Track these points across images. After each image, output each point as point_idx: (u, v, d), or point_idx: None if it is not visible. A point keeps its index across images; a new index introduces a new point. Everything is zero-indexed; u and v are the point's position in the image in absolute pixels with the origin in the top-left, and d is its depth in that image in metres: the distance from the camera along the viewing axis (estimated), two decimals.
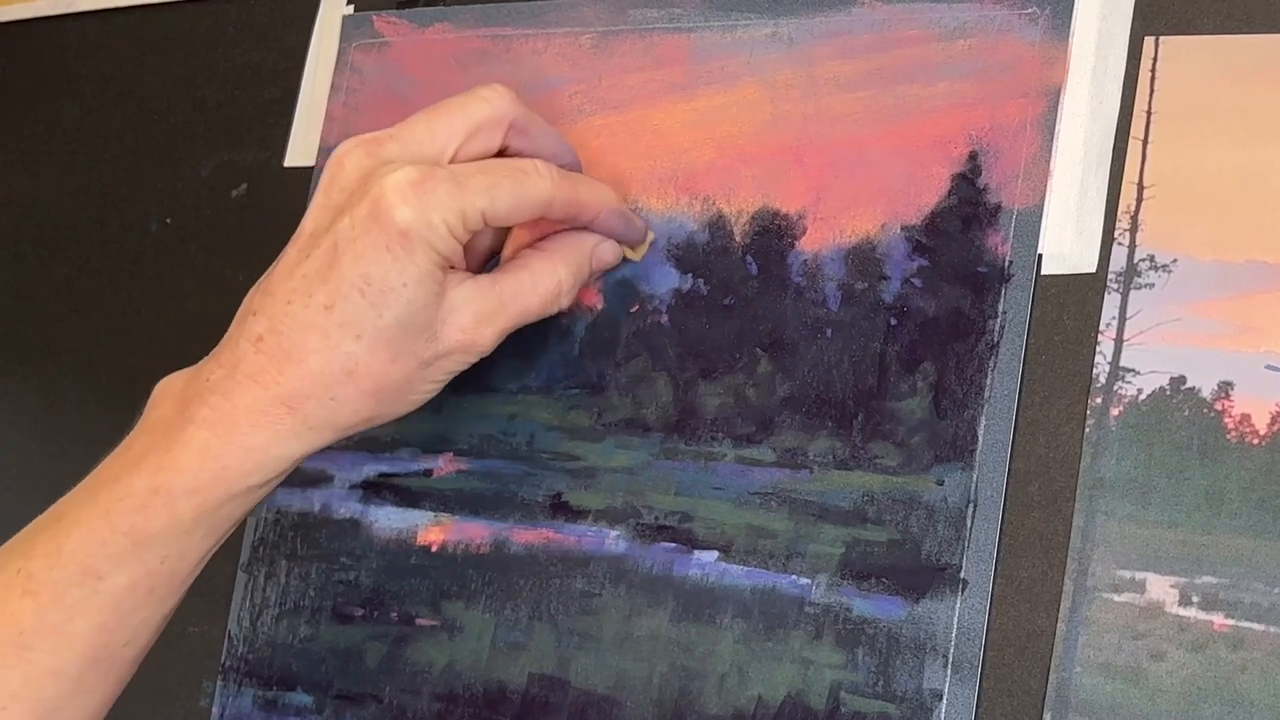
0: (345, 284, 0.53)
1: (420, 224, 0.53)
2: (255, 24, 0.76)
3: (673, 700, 0.57)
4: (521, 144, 0.58)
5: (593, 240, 0.59)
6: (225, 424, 0.54)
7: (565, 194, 0.56)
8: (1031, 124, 0.55)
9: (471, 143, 0.56)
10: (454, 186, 0.53)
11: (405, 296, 0.53)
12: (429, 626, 0.63)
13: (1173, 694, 0.50)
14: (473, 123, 0.56)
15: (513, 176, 0.55)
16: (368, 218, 0.53)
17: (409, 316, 0.54)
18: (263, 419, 0.54)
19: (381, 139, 0.55)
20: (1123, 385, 0.52)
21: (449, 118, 0.56)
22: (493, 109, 0.57)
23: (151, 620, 0.56)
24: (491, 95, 0.57)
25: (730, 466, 0.58)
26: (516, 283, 0.57)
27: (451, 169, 0.54)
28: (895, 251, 0.57)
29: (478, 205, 0.54)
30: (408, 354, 0.54)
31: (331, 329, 0.53)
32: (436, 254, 0.53)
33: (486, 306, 0.56)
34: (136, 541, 0.54)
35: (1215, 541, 0.50)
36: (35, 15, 0.84)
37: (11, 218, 0.83)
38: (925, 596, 0.54)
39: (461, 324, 0.55)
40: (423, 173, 0.53)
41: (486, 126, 0.57)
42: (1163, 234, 0.53)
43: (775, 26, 0.61)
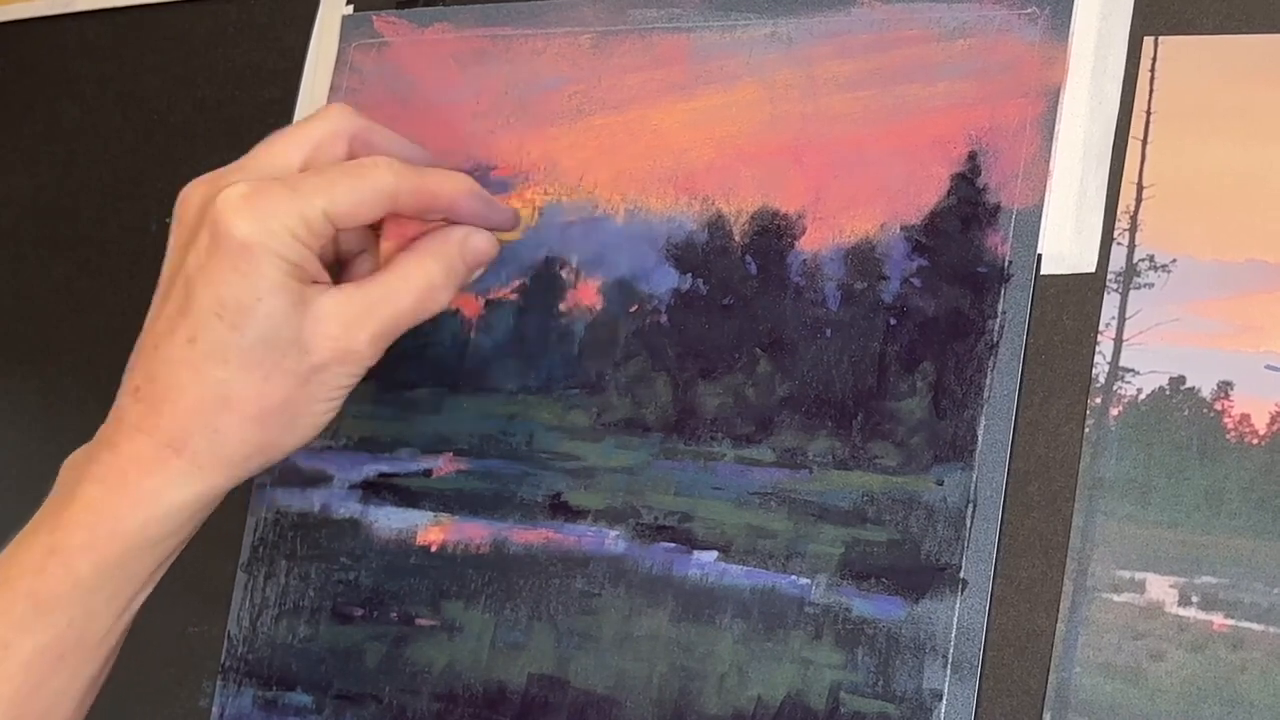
0: (202, 313, 0.52)
1: (259, 233, 0.52)
2: (255, 24, 0.76)
3: (672, 700, 0.57)
4: (367, 154, 0.57)
5: (460, 232, 0.57)
6: (115, 476, 0.53)
7: (410, 184, 0.55)
8: (1031, 124, 0.55)
9: (314, 160, 0.55)
10: (287, 191, 0.53)
11: (262, 311, 0.52)
12: (429, 626, 0.63)
13: (1172, 694, 0.50)
14: (312, 140, 0.56)
15: (350, 173, 0.54)
16: (210, 242, 0.52)
17: (271, 332, 0.53)
18: (151, 465, 0.53)
19: (223, 172, 0.55)
20: (1122, 385, 0.52)
21: (289, 139, 0.56)
22: (331, 125, 0.56)
23: (67, 690, 0.54)
24: (329, 113, 0.56)
25: (730, 466, 0.58)
26: (385, 284, 0.55)
27: (285, 178, 0.54)
28: (895, 251, 0.57)
29: (316, 205, 0.53)
30: (280, 371, 0.53)
31: (198, 361, 0.53)
32: (284, 262, 0.52)
33: (353, 312, 0.54)
34: (38, 605, 0.53)
35: (1215, 541, 0.50)
36: (35, 15, 0.84)
37: (11, 218, 0.83)
38: (925, 596, 0.54)
39: (331, 332, 0.54)
40: (254, 185, 0.53)
41: (326, 141, 0.56)
42: (1162, 234, 0.53)
43: (775, 26, 0.61)
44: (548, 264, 0.64)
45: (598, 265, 0.62)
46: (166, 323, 0.54)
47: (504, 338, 0.64)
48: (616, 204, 0.63)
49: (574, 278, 0.63)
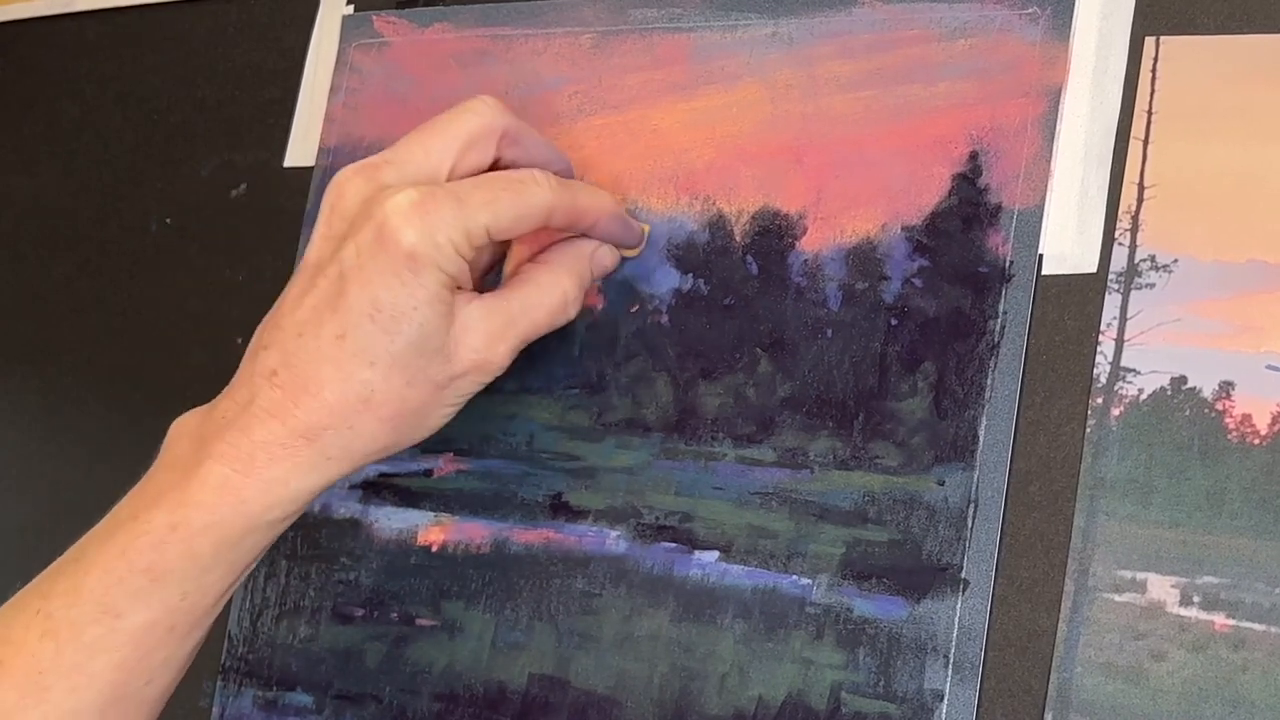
0: (355, 312, 0.53)
1: (426, 245, 0.53)
2: (255, 24, 0.76)
3: (673, 700, 0.57)
4: (515, 154, 0.58)
5: (590, 246, 0.59)
6: (243, 459, 0.53)
7: (565, 202, 0.56)
8: (1032, 124, 0.55)
9: (466, 158, 0.56)
10: (456, 204, 0.53)
11: (416, 320, 0.53)
12: (429, 626, 0.63)
13: (1174, 694, 0.50)
14: (465, 138, 0.56)
15: (512, 189, 0.55)
16: (373, 243, 0.53)
17: (421, 340, 0.53)
18: (281, 452, 0.54)
19: (378, 164, 0.55)
20: (1123, 385, 0.52)
21: (441, 135, 0.56)
22: (483, 121, 0.56)
23: (173, 659, 0.55)
24: (481, 108, 0.57)
25: (730, 466, 0.58)
26: (524, 298, 0.57)
27: (451, 187, 0.54)
28: (896, 251, 0.57)
29: (481, 221, 0.54)
30: (423, 378, 0.54)
31: (345, 359, 0.53)
32: (444, 274, 0.53)
33: (496, 324, 0.55)
34: (155, 579, 0.53)
35: (1216, 542, 0.50)
36: (35, 15, 0.84)
37: (11, 218, 0.83)
38: (926, 597, 0.54)
39: (474, 344, 0.55)
40: (424, 194, 0.53)
41: (479, 140, 0.56)
42: (1163, 234, 0.53)
43: (775, 26, 0.61)
44: None
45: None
46: (313, 313, 0.54)
47: None
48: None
49: None
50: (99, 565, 0.53)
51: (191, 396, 0.58)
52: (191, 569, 0.54)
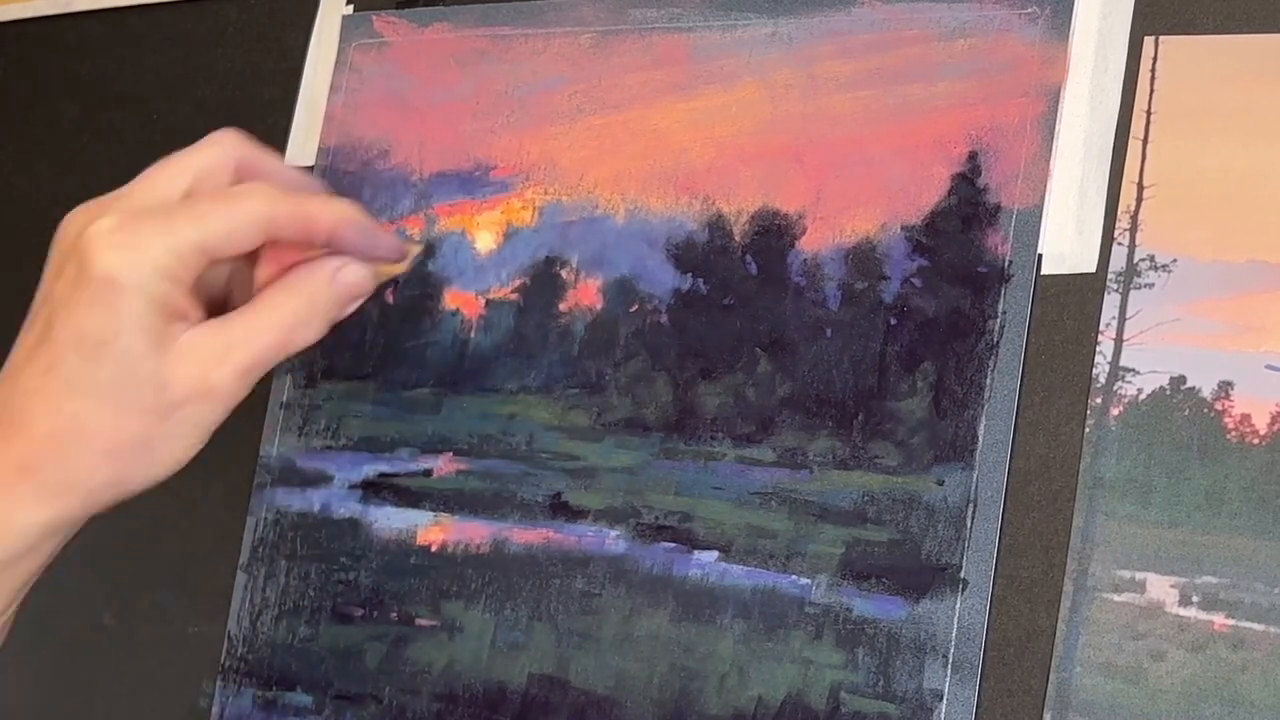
0: (60, 344, 0.51)
1: (124, 269, 0.50)
2: (255, 24, 0.76)
3: (673, 700, 0.57)
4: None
5: (333, 264, 0.54)
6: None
7: (285, 209, 0.53)
8: (1031, 124, 0.55)
9: (198, 189, 0.54)
10: (159, 223, 0.51)
11: (118, 348, 0.51)
12: (429, 626, 0.63)
13: (1173, 694, 0.50)
14: (195, 169, 0.54)
15: (222, 200, 0.52)
16: (76, 274, 0.51)
17: (127, 369, 0.51)
18: (0, 488, 0.52)
19: (106, 200, 0.53)
20: (1123, 385, 0.52)
21: (170, 169, 0.54)
22: (216, 152, 0.54)
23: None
24: (217, 138, 0.55)
25: (730, 466, 0.58)
26: (247, 322, 0.53)
27: (157, 208, 0.52)
28: (895, 251, 0.57)
29: (189, 237, 0.51)
30: (136, 408, 0.52)
31: (52, 391, 0.51)
32: (149, 299, 0.51)
33: (213, 349, 0.52)
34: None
35: (1215, 541, 0.50)
36: (35, 15, 0.84)
37: (11, 218, 0.83)
38: (925, 596, 0.54)
39: (190, 371, 0.52)
40: (125, 216, 0.51)
41: (211, 171, 0.54)
42: (1163, 234, 0.53)
43: (775, 26, 0.61)
44: (548, 264, 0.64)
45: (598, 265, 0.62)
46: (26, 351, 0.52)
47: (504, 337, 0.64)
48: (616, 204, 0.63)
49: (574, 277, 0.63)
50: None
51: None
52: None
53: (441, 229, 0.67)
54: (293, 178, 0.56)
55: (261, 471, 0.68)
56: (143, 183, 0.54)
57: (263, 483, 0.68)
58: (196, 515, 0.71)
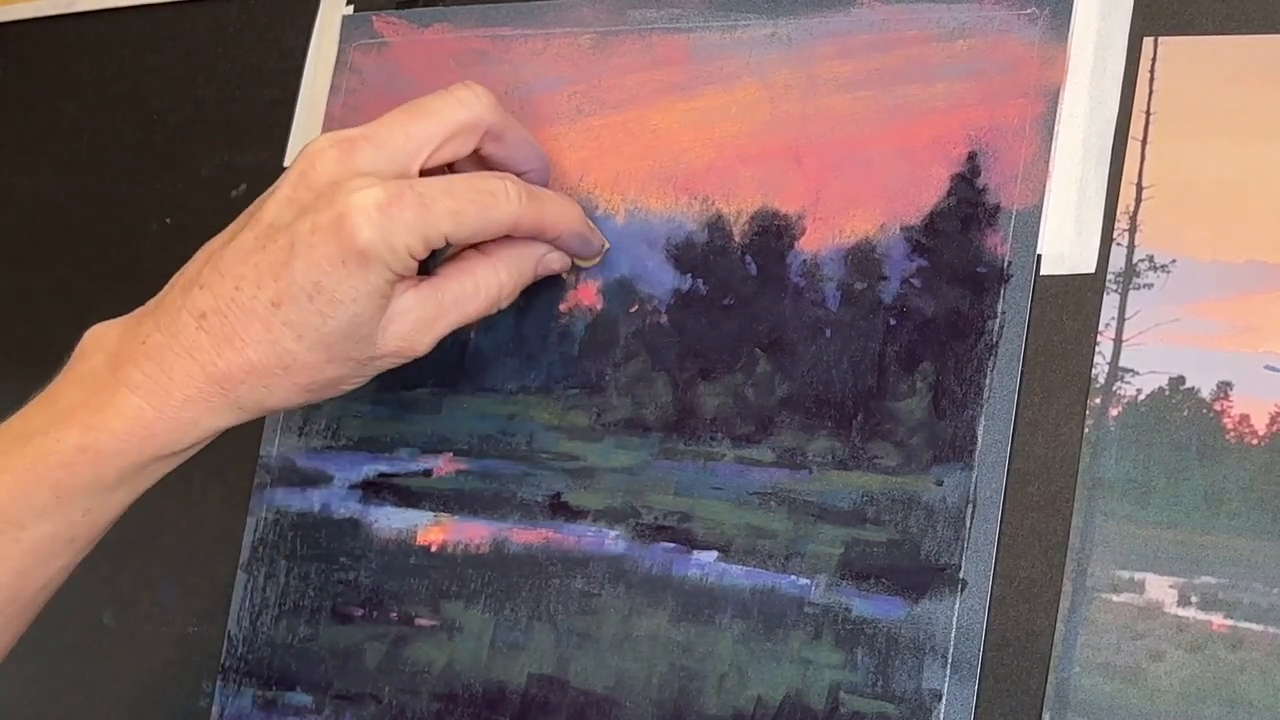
0: (295, 286, 0.53)
1: (381, 247, 0.53)
2: (255, 24, 0.76)
3: (672, 700, 0.57)
4: (495, 150, 0.58)
5: (542, 250, 0.59)
6: (159, 393, 0.54)
7: (531, 215, 0.56)
8: (1030, 124, 0.55)
9: (445, 148, 0.56)
10: (420, 210, 0.53)
11: (353, 310, 0.54)
12: (428, 626, 0.63)
13: (1171, 694, 0.50)
14: (449, 128, 0.56)
15: (479, 200, 0.55)
16: (329, 228, 0.53)
17: (352, 327, 0.54)
18: (196, 394, 0.55)
19: (356, 140, 0.55)
20: (1122, 385, 0.52)
21: (426, 122, 0.56)
22: (470, 114, 0.56)
23: (68, 566, 0.57)
24: (470, 99, 0.56)
25: (729, 466, 0.58)
26: (459, 288, 0.57)
27: (420, 189, 0.54)
28: (894, 252, 0.57)
29: (442, 230, 0.54)
30: (344, 358, 0.55)
31: (274, 324, 0.54)
32: (391, 273, 0.54)
33: (428, 313, 0.56)
34: (60, 495, 0.55)
35: (1214, 542, 0.50)
36: (35, 15, 0.84)
37: (11, 218, 0.83)
38: (924, 597, 0.54)
39: (401, 331, 0.56)
40: (390, 195, 0.53)
41: (463, 132, 0.56)
42: (1162, 234, 0.53)
43: (775, 26, 0.61)
44: None
45: (598, 265, 0.62)
46: (255, 271, 0.54)
47: (504, 338, 0.64)
48: (616, 204, 0.63)
49: (574, 277, 0.63)
50: (7, 475, 0.55)
51: None
52: (96, 489, 0.55)
53: None
54: (529, 153, 0.60)
55: (261, 471, 0.68)
56: (397, 129, 0.55)
57: (263, 483, 0.68)
58: (196, 515, 0.71)
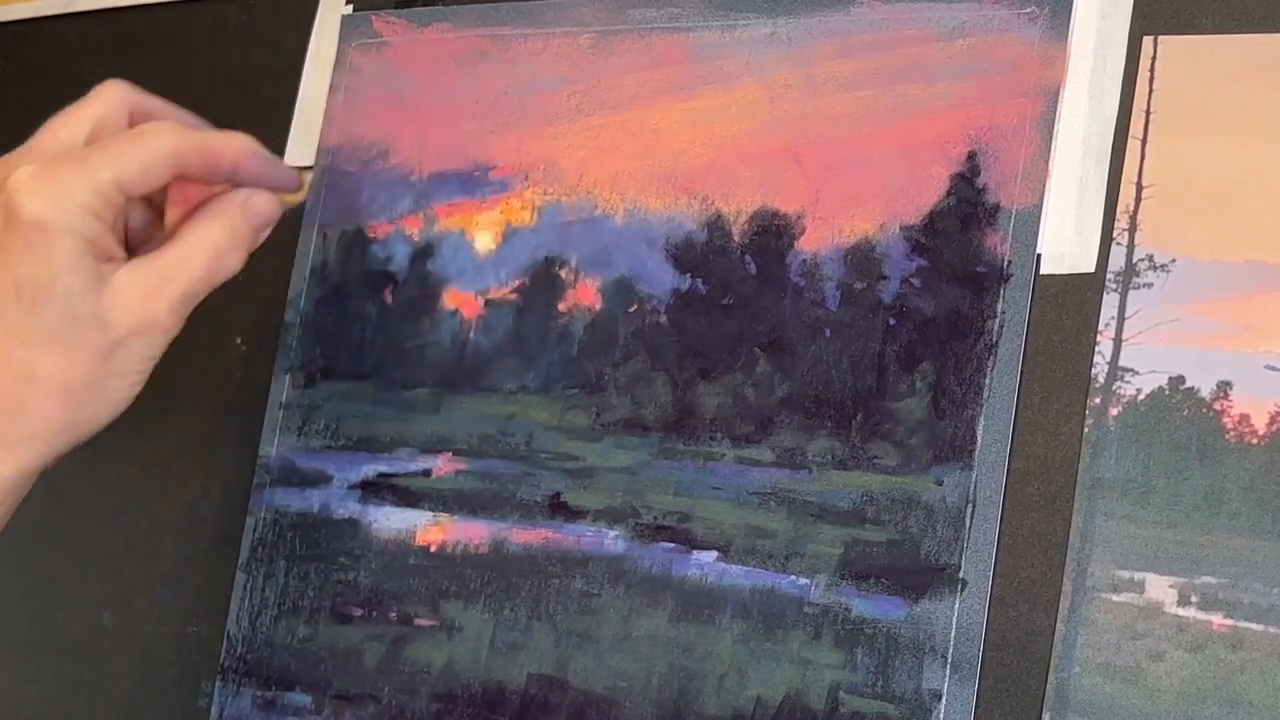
0: (1, 295, 0.52)
1: (52, 210, 0.52)
2: (255, 24, 0.76)
3: (672, 700, 0.57)
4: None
5: (242, 195, 0.58)
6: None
7: (190, 142, 0.55)
8: (1030, 124, 0.55)
9: (97, 136, 0.56)
10: (76, 165, 0.53)
11: (59, 288, 0.52)
12: (428, 626, 0.63)
13: (1172, 694, 0.50)
14: (93, 117, 0.56)
15: (131, 139, 0.55)
16: (3, 224, 0.53)
17: (69, 308, 0.53)
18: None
19: (10, 156, 0.55)
20: (1121, 385, 0.52)
21: (68, 118, 0.56)
22: (109, 99, 0.57)
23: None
24: (105, 89, 0.57)
25: (729, 466, 0.58)
26: (175, 254, 0.56)
27: (71, 152, 0.54)
28: (894, 251, 0.57)
29: (106, 175, 0.53)
30: (82, 347, 0.53)
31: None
32: (79, 238, 0.53)
33: (150, 282, 0.54)
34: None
35: (1214, 541, 0.50)
36: (35, 15, 0.84)
37: None
38: (924, 597, 0.54)
39: (130, 306, 0.54)
40: (43, 163, 0.53)
41: (107, 117, 0.57)
42: (1162, 234, 0.53)
43: (774, 26, 0.61)
44: (547, 264, 0.64)
45: (597, 265, 0.62)
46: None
47: (503, 338, 0.64)
48: (616, 204, 0.63)
49: (573, 278, 0.63)
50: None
51: (191, 396, 0.58)
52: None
53: (441, 229, 0.67)
54: (186, 118, 0.59)
55: (261, 472, 0.68)
56: (45, 135, 0.56)
57: (262, 483, 0.68)
58: (196, 515, 0.71)
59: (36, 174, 0.52)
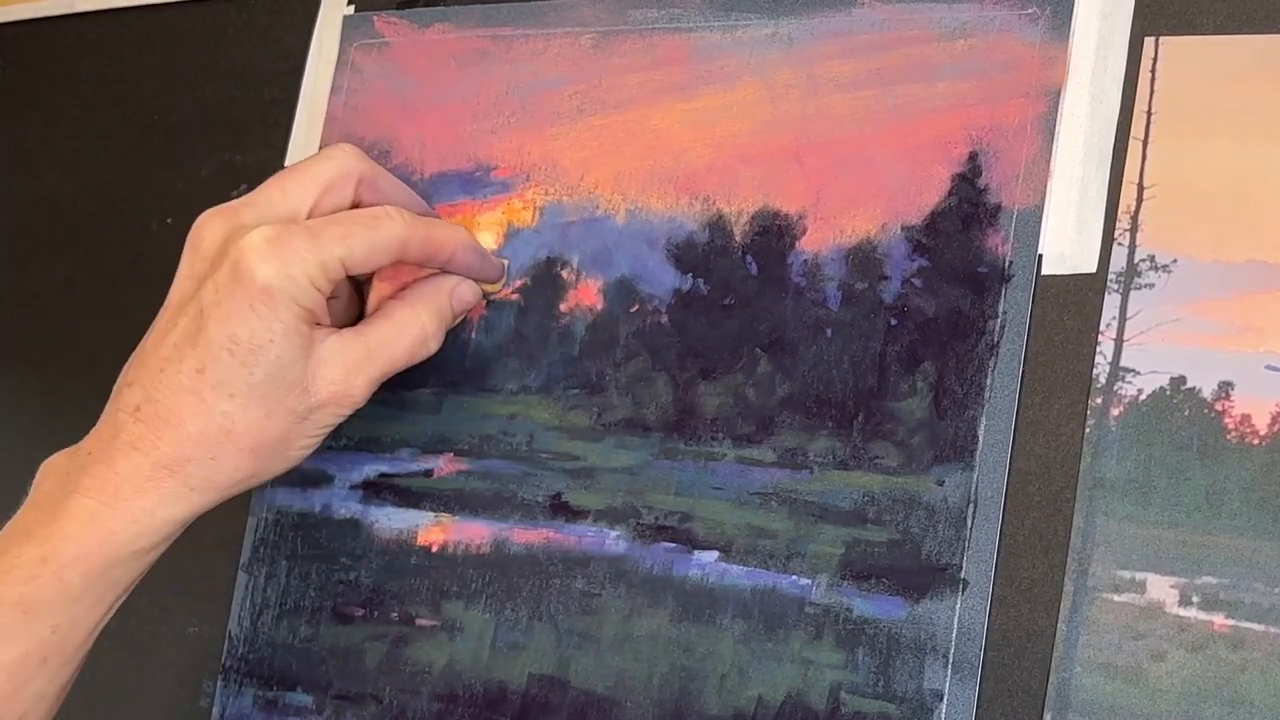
0: (214, 346, 0.54)
1: (281, 279, 0.54)
2: (255, 24, 0.76)
3: (673, 700, 0.57)
4: (372, 198, 0.59)
5: (450, 282, 0.61)
6: (109, 491, 0.55)
7: (419, 235, 0.58)
8: (1031, 124, 0.55)
9: (324, 201, 0.58)
10: (310, 239, 0.55)
11: (273, 353, 0.55)
12: (429, 626, 0.63)
13: (1173, 694, 0.50)
14: (322, 181, 0.58)
15: (365, 223, 0.56)
16: (230, 279, 0.54)
17: (278, 372, 0.55)
18: (146, 484, 0.55)
19: (237, 207, 0.57)
20: (1123, 385, 0.52)
21: (299, 179, 0.58)
22: (340, 165, 0.58)
23: (46, 692, 0.56)
24: (339, 154, 0.59)
25: (730, 466, 0.58)
26: (382, 333, 0.58)
27: (306, 224, 0.56)
28: (895, 251, 0.57)
29: (335, 254, 0.55)
30: (281, 409, 0.56)
31: (205, 391, 0.55)
32: (300, 308, 0.55)
33: (354, 357, 0.57)
34: (26, 611, 0.54)
35: (1215, 542, 0.50)
36: (35, 15, 0.84)
37: (12, 218, 0.83)
38: (925, 597, 0.54)
39: (332, 376, 0.56)
40: (278, 230, 0.55)
41: (336, 183, 0.58)
42: (1163, 234, 0.53)
43: (775, 26, 0.61)
44: (548, 264, 0.64)
45: (598, 265, 0.62)
46: (174, 349, 0.55)
47: (504, 338, 0.64)
48: (617, 204, 0.63)
49: (574, 278, 0.63)
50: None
51: None
52: (61, 601, 0.55)
53: None
54: (407, 197, 0.61)
55: None
56: (274, 190, 0.58)
57: (263, 483, 0.68)
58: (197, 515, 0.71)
59: (271, 240, 0.54)
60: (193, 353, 0.55)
